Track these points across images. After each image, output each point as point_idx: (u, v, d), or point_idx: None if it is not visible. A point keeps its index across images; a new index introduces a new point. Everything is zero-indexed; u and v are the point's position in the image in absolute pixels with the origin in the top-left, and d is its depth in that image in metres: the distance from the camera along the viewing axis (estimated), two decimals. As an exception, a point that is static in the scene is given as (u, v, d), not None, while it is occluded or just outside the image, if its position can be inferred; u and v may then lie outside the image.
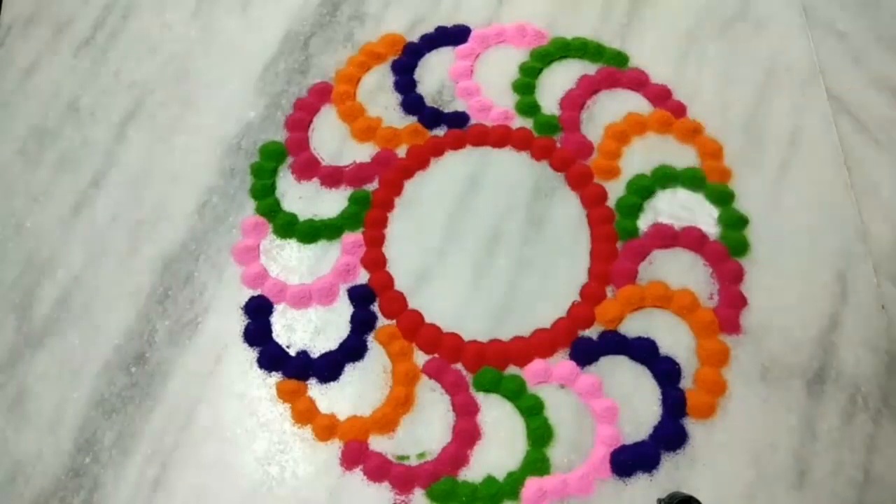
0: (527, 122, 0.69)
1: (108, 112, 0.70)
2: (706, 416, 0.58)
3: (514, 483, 0.56)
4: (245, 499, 0.56)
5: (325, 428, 0.58)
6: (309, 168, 0.67)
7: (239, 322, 0.61)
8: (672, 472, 0.56)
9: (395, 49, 0.72)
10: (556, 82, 0.71)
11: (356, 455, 0.57)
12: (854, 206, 0.65)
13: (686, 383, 0.59)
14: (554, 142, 0.68)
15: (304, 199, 0.66)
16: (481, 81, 0.71)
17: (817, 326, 0.61)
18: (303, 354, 0.60)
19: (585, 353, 0.60)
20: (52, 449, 0.57)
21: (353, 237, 0.64)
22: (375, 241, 0.64)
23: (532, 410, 0.58)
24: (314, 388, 0.59)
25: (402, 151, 0.68)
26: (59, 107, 0.70)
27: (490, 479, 0.56)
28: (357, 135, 0.69)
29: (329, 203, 0.66)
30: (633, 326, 0.61)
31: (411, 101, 0.70)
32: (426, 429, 0.58)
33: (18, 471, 0.56)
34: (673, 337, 0.61)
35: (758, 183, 0.66)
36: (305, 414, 0.58)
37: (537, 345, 0.60)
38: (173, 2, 0.75)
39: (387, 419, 0.58)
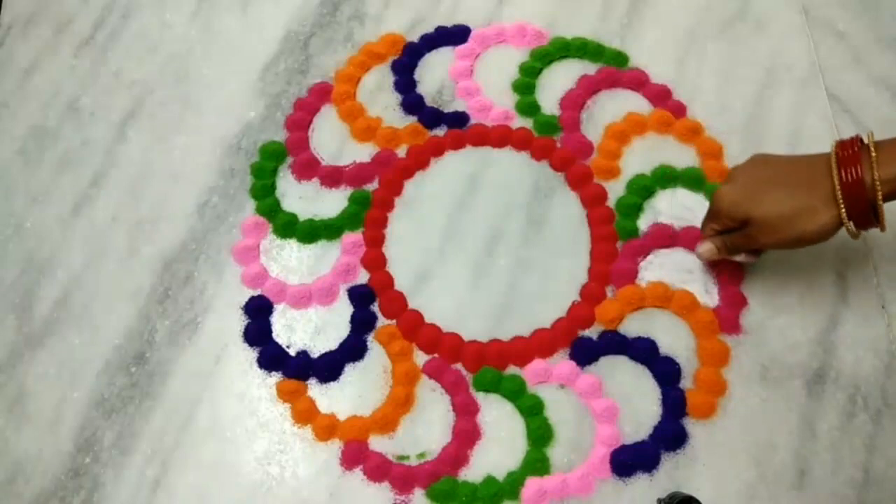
0: (527, 122, 0.69)
1: (108, 112, 0.70)
2: (706, 416, 0.58)
3: (514, 483, 0.56)
4: (245, 499, 0.56)
5: (325, 428, 0.57)
6: (309, 168, 0.67)
7: (239, 322, 0.61)
8: (672, 472, 0.56)
9: (395, 49, 0.72)
10: (556, 82, 0.71)
11: (356, 455, 0.57)
12: (854, 206, 0.65)
13: (686, 383, 0.59)
14: (554, 142, 0.68)
15: (304, 199, 0.66)
16: (481, 81, 0.71)
17: (817, 326, 0.61)
18: (303, 354, 0.60)
19: (585, 353, 0.60)
20: (52, 449, 0.57)
21: (353, 237, 0.64)
22: (375, 241, 0.64)
23: (532, 410, 0.58)
24: (314, 388, 0.59)
25: (402, 151, 0.68)
26: (59, 107, 0.70)
27: (490, 479, 0.56)
28: (357, 135, 0.69)
29: (329, 203, 0.66)
30: (633, 326, 0.61)
31: (411, 101, 0.70)
32: (426, 429, 0.58)
33: (18, 471, 0.56)
34: (673, 337, 0.61)
35: (758, 183, 0.66)
36: (305, 414, 0.58)
37: (537, 345, 0.60)
38: (173, 2, 0.75)
39: (387, 419, 0.58)
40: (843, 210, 0.51)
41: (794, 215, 0.52)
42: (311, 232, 0.65)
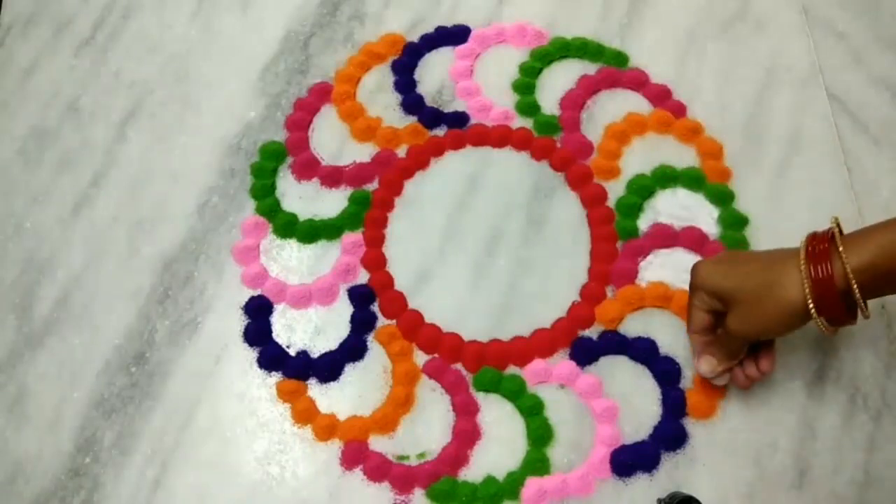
0: (527, 122, 0.69)
1: (108, 112, 0.70)
2: (706, 416, 0.58)
3: (514, 483, 0.56)
4: (245, 499, 0.56)
5: (325, 428, 0.57)
6: (309, 168, 0.67)
7: (239, 322, 0.61)
8: (672, 472, 0.56)
9: (395, 49, 0.72)
10: (556, 82, 0.71)
11: (356, 455, 0.57)
12: (854, 206, 0.65)
13: (686, 383, 0.59)
14: (554, 142, 0.68)
15: (304, 199, 0.66)
16: (481, 81, 0.71)
17: (817, 326, 0.61)
18: (303, 354, 0.60)
19: (585, 353, 0.60)
20: (52, 449, 0.57)
21: (353, 237, 0.64)
22: (375, 241, 0.64)
23: (532, 410, 0.58)
24: (314, 388, 0.59)
25: (402, 151, 0.68)
26: (59, 107, 0.70)
27: (490, 479, 0.56)
28: (357, 135, 0.69)
29: (329, 203, 0.66)
30: (633, 326, 0.61)
31: (411, 101, 0.70)
32: (426, 429, 0.58)
33: (18, 471, 0.56)
34: (673, 337, 0.60)
35: (758, 183, 0.66)
36: (305, 414, 0.58)
37: (537, 345, 0.60)
38: (173, 2, 0.75)
39: (387, 419, 0.58)
40: (812, 306, 0.48)
41: (767, 286, 0.50)
42: (311, 232, 0.65)
